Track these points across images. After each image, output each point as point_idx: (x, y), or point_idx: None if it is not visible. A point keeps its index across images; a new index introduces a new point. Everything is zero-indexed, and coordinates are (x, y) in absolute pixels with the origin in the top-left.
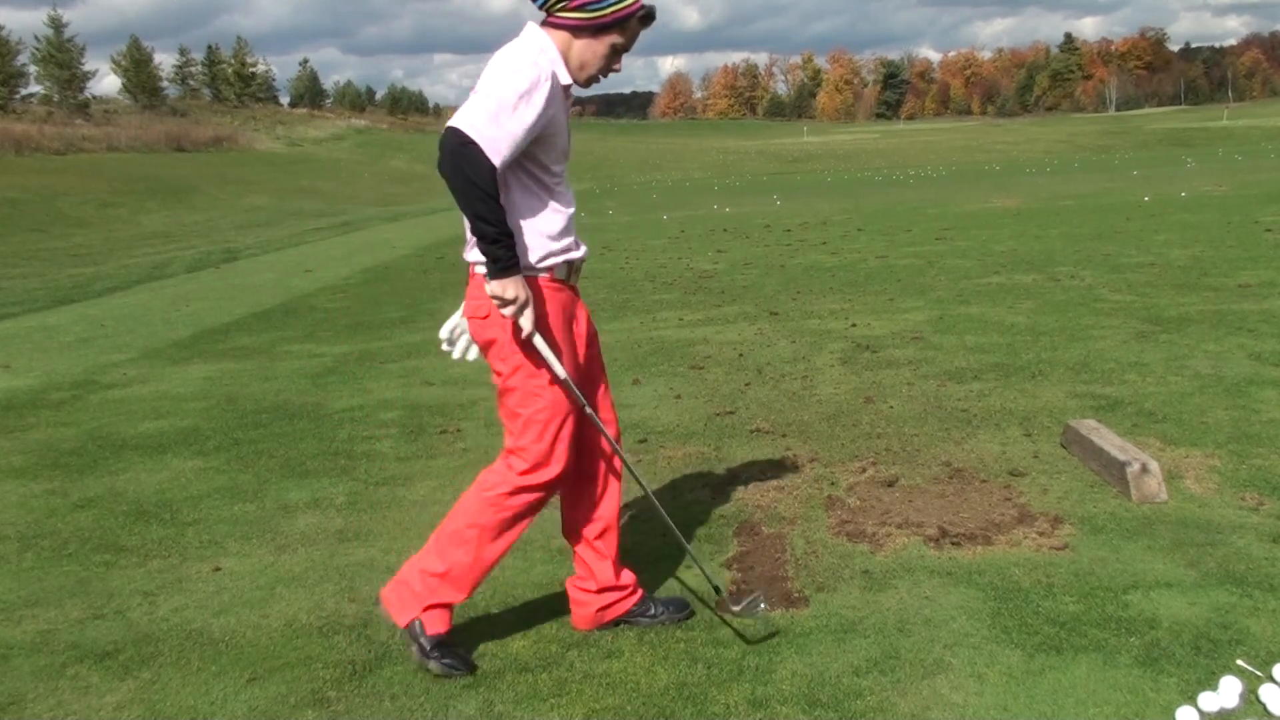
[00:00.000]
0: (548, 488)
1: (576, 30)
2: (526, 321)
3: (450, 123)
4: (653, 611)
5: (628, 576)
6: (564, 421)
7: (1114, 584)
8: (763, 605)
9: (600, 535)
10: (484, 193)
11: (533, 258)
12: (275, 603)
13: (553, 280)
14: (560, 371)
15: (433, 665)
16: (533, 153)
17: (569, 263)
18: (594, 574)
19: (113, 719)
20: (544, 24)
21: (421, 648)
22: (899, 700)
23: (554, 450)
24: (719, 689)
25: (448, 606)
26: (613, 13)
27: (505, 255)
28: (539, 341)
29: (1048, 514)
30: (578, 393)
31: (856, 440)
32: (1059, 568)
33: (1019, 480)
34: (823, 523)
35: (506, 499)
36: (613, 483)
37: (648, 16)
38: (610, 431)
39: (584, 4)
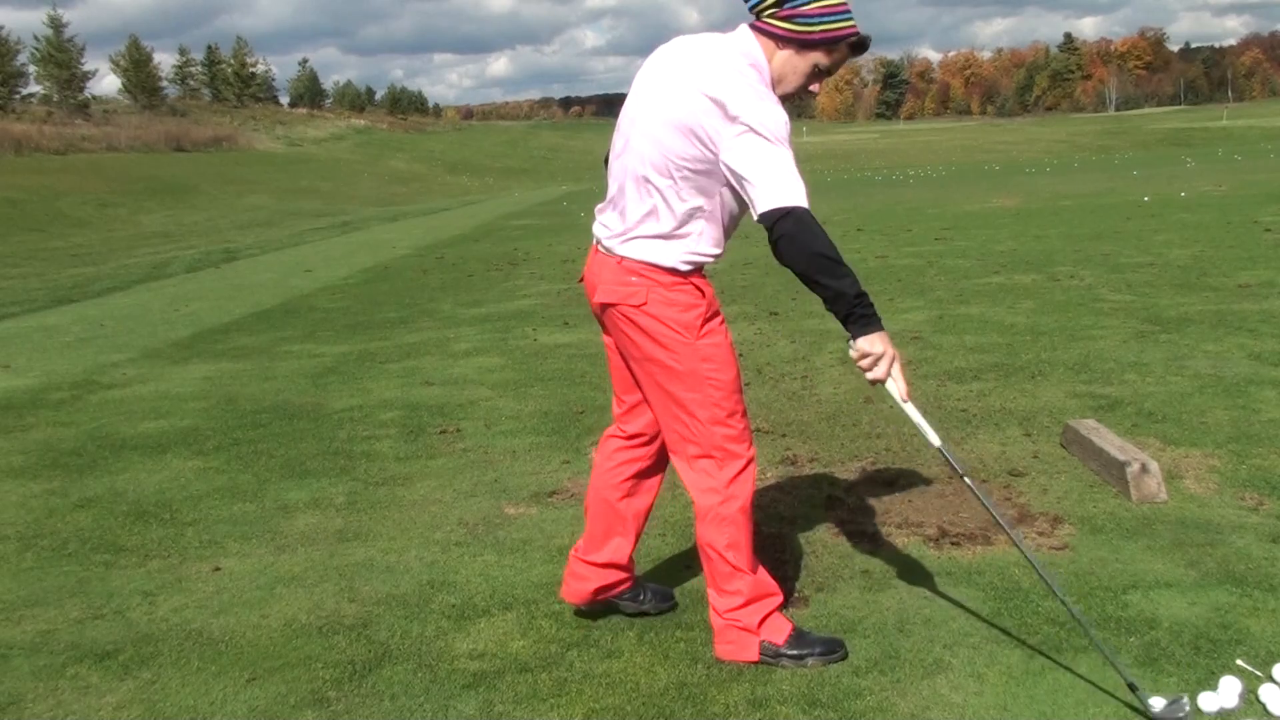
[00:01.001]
0: (750, 465)
1: (782, 41)
2: (897, 382)
3: (765, 207)
4: (641, 598)
5: (632, 560)
6: (735, 403)
7: (1113, 584)
8: (1185, 709)
9: (636, 511)
10: (834, 257)
11: (702, 262)
12: (275, 603)
13: (703, 276)
14: (934, 440)
15: (812, 664)
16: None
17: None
18: (606, 548)
19: (112, 719)
20: (752, 26)
21: (791, 658)
22: (899, 700)
23: (736, 430)
24: (719, 689)
25: (773, 610)
26: (822, 32)
27: (870, 310)
28: (911, 409)
29: (1047, 514)
30: (953, 462)
31: (856, 440)
32: (1058, 568)
33: (1019, 480)
34: (822, 523)
35: (721, 505)
36: (663, 467)
37: (860, 45)
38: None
39: (793, 15)
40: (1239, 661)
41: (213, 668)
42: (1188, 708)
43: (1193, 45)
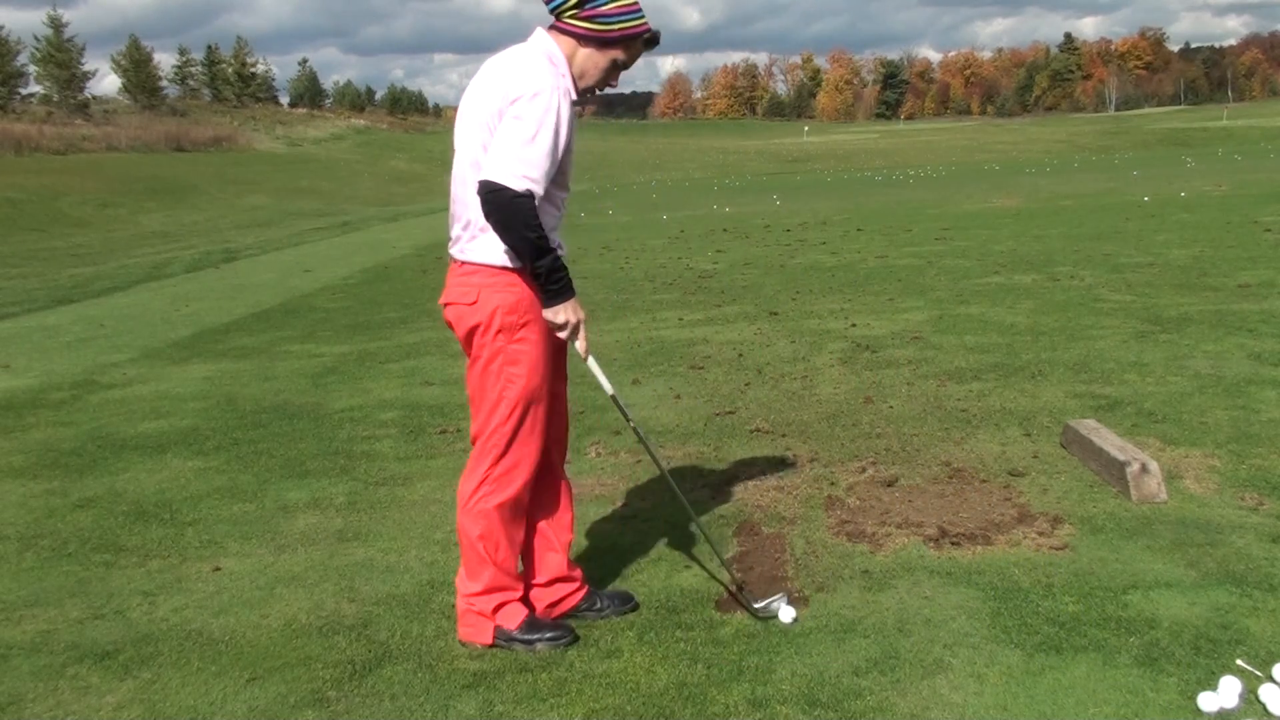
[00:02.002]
0: (516, 470)
1: (582, 40)
2: (582, 342)
3: (490, 176)
4: (599, 605)
5: (576, 570)
6: (532, 406)
7: (1113, 584)
8: (784, 609)
9: (554, 527)
10: (537, 238)
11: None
12: (275, 603)
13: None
14: (608, 388)
15: (541, 647)
16: None
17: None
18: (543, 566)
19: (112, 719)
20: (551, 28)
21: (522, 642)
22: (898, 700)
23: (518, 433)
24: (719, 689)
25: (511, 601)
26: (619, 30)
27: (564, 280)
28: (592, 363)
29: (1047, 514)
30: (624, 408)
31: (856, 440)
32: (1059, 568)
33: (1019, 480)
34: (822, 523)
35: (477, 499)
36: (566, 476)
37: (653, 40)
38: (563, 423)
39: (593, 15)
40: (1239, 661)
41: (213, 668)
42: (784, 609)
43: (1193, 45)
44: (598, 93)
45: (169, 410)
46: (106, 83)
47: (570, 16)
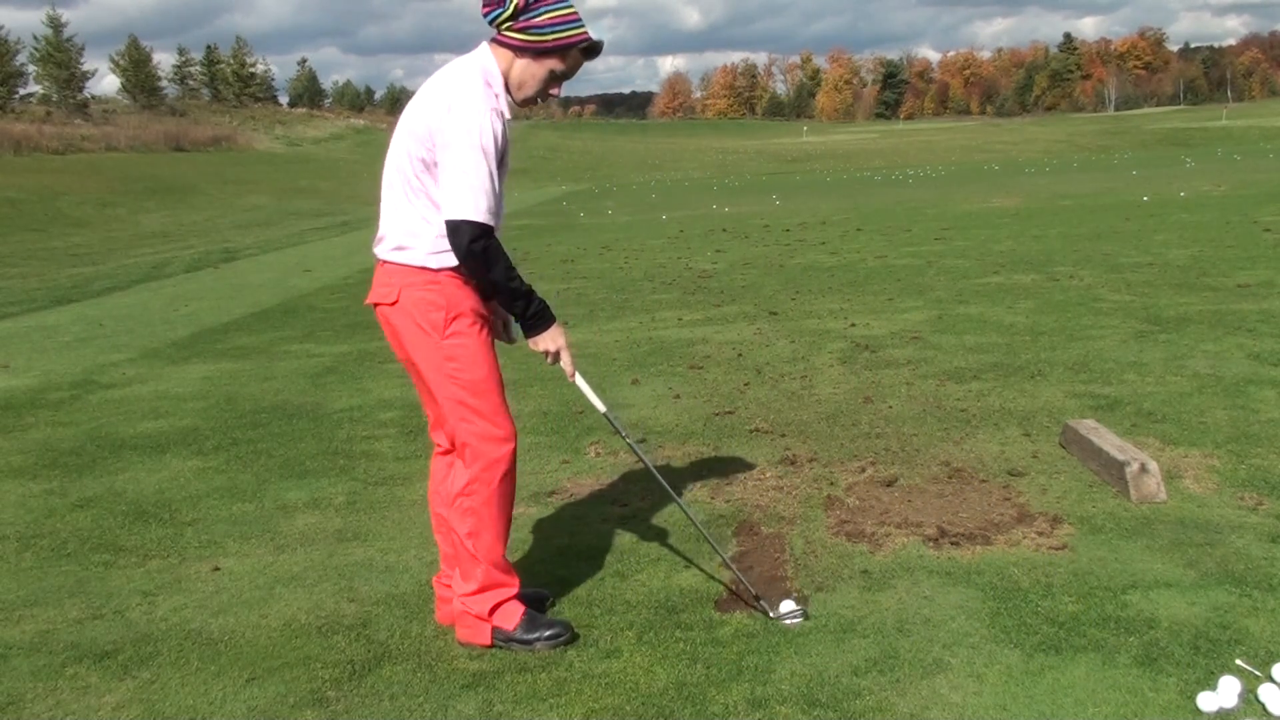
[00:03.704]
0: (498, 463)
1: (519, 51)
2: (567, 365)
3: (448, 215)
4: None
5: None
6: (487, 396)
7: (1113, 584)
8: (798, 616)
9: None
10: (506, 269)
11: (452, 259)
12: (274, 603)
13: (457, 276)
14: (600, 406)
15: (540, 647)
16: None
17: None
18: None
19: (112, 719)
20: (492, 40)
21: (521, 642)
22: (898, 700)
23: (483, 426)
24: (718, 689)
25: (507, 599)
26: (554, 40)
27: (543, 311)
28: (580, 382)
29: (1047, 514)
30: (618, 426)
31: (855, 440)
32: (1058, 567)
33: (1018, 480)
34: (822, 523)
35: (465, 496)
36: None
37: (591, 49)
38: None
39: (527, 27)
40: (1238, 661)
41: (212, 668)
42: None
43: (1192, 45)
44: (540, 102)
45: (168, 410)
46: (106, 83)
47: (506, 28)
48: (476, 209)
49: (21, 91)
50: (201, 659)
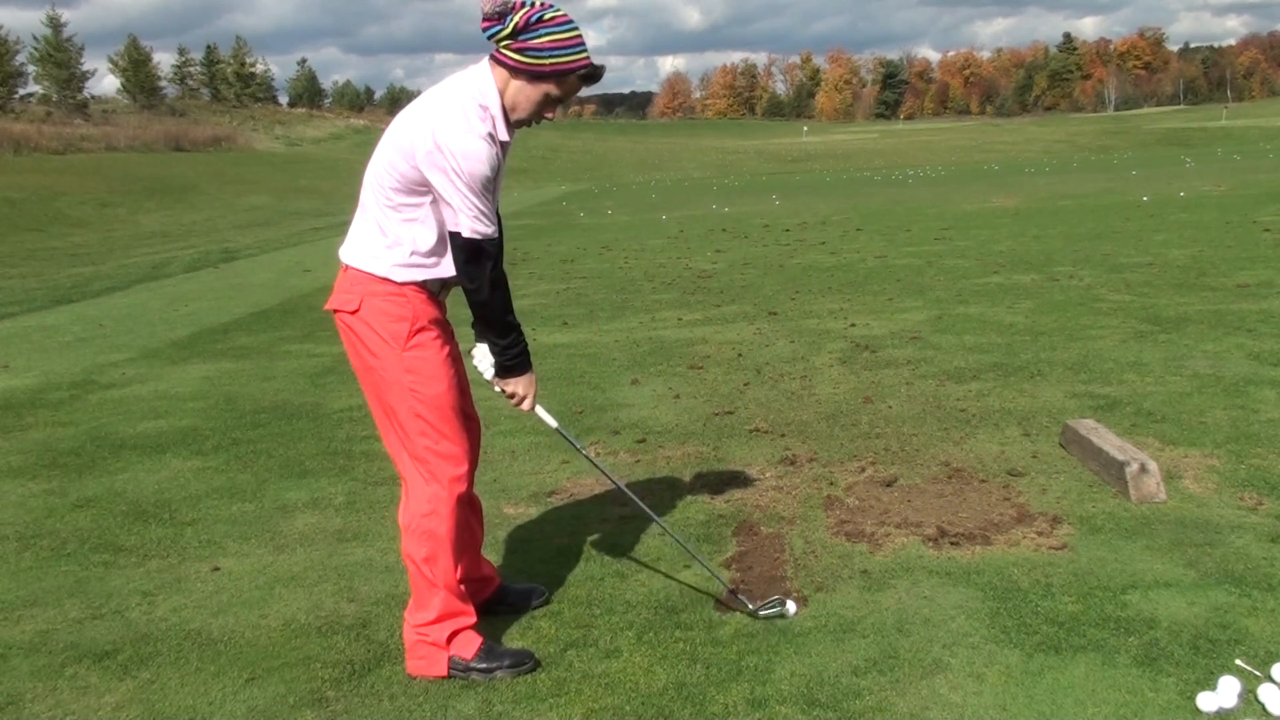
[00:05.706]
0: (455, 483)
1: (515, 71)
2: (528, 406)
3: (468, 234)
4: (508, 600)
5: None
6: (445, 412)
7: (1113, 584)
8: (788, 607)
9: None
10: (507, 299)
11: (418, 275)
12: (274, 603)
13: (422, 290)
14: (552, 422)
15: (501, 675)
16: None
17: (442, 280)
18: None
19: (111, 719)
20: (491, 56)
21: (480, 671)
22: (897, 700)
23: (440, 445)
24: (718, 689)
25: (465, 628)
26: (551, 64)
27: (521, 356)
28: (540, 411)
29: (1046, 514)
30: (571, 440)
31: (855, 440)
32: (1058, 567)
33: (1018, 480)
34: (821, 523)
35: (424, 519)
36: (475, 493)
37: (590, 76)
38: (474, 439)
39: (524, 48)
40: (1238, 661)
41: (211, 668)
42: (788, 607)
43: (1192, 45)
44: (533, 124)
45: (168, 410)
46: (106, 83)
47: (504, 46)
48: (467, 226)
49: (21, 91)
50: (201, 659)
